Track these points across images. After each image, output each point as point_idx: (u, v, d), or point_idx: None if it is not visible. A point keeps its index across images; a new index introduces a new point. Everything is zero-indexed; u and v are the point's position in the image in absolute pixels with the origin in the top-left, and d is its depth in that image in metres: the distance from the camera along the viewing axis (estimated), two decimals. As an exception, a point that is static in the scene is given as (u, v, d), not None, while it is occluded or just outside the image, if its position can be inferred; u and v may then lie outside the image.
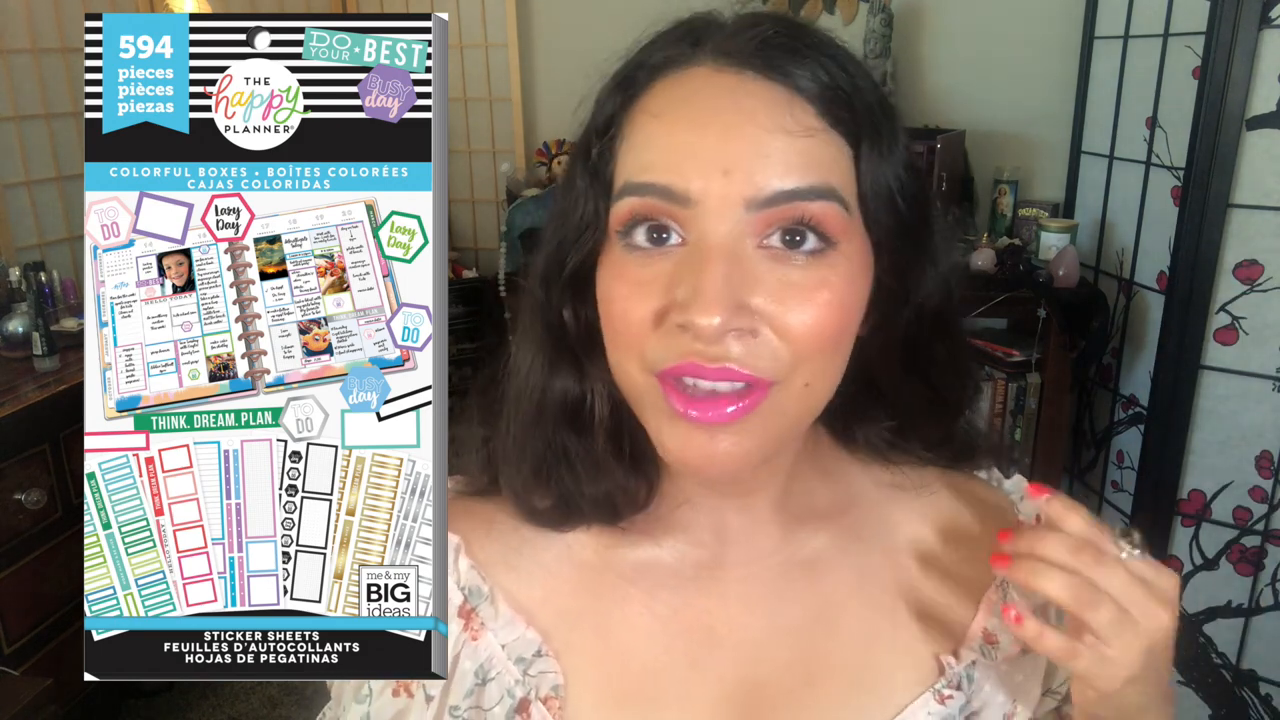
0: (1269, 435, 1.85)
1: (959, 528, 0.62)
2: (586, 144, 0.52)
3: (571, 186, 0.53)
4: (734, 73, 0.48)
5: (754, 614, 0.57)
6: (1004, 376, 2.19)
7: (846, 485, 0.61)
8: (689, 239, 0.47)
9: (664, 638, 0.56)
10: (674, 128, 0.48)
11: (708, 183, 0.46)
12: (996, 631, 0.59)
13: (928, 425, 0.60)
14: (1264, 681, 1.94)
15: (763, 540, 0.58)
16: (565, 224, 0.53)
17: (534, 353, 0.56)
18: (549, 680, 0.55)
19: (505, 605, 0.56)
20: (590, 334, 0.53)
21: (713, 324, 0.44)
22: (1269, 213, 1.79)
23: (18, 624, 1.85)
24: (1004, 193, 2.46)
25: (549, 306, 0.55)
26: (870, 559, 0.59)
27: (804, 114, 0.47)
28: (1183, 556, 1.99)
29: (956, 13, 2.52)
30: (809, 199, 0.46)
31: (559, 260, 0.53)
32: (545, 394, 0.55)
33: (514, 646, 0.56)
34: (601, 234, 0.51)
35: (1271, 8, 1.71)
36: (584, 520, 0.57)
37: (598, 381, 0.55)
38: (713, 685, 0.56)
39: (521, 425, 0.56)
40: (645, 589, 0.57)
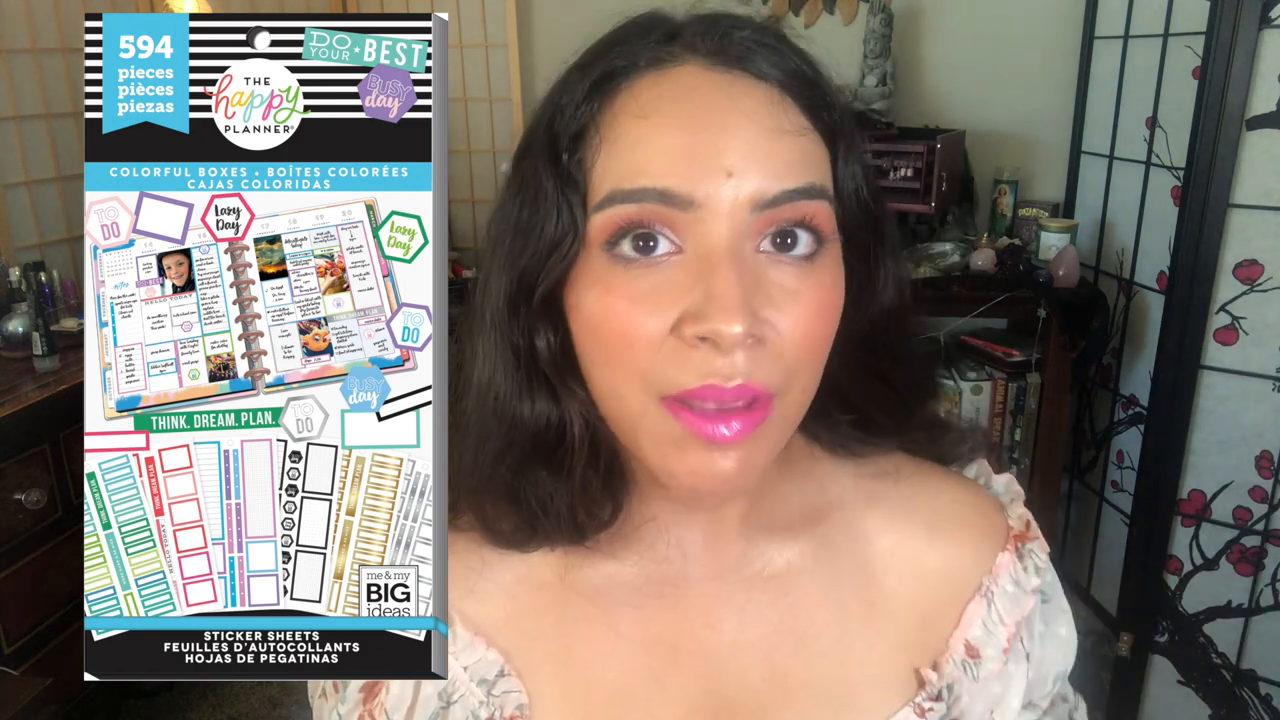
0: (1269, 435, 1.85)
1: (939, 533, 0.59)
2: (553, 151, 0.48)
3: (536, 197, 0.48)
4: (724, 71, 0.47)
5: (719, 630, 0.56)
6: (1004, 376, 2.19)
7: (822, 490, 0.59)
8: (685, 245, 0.45)
9: (627, 656, 0.55)
10: (667, 129, 0.45)
11: (711, 185, 0.44)
12: (978, 644, 0.57)
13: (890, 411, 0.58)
14: (1264, 681, 1.94)
15: (727, 554, 0.56)
16: (531, 238, 0.48)
17: (501, 380, 0.51)
18: (513, 700, 0.54)
19: (462, 628, 0.55)
20: (566, 356, 0.50)
21: (735, 332, 0.42)
22: (1269, 213, 1.79)
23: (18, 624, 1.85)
24: (1004, 193, 2.46)
25: (517, 330, 0.50)
26: (844, 568, 0.57)
27: (795, 114, 0.47)
28: (1183, 556, 1.99)
29: (956, 13, 2.52)
30: (808, 198, 0.46)
31: (527, 280, 0.49)
32: (515, 424, 0.51)
33: (476, 668, 0.54)
34: (579, 247, 0.47)
35: (1271, 8, 1.71)
36: (549, 541, 0.54)
37: (572, 404, 0.51)
38: (679, 703, 0.55)
39: (490, 456, 0.52)
40: (607, 607, 0.55)
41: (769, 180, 0.45)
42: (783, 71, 0.47)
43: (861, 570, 0.58)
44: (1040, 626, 0.60)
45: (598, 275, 0.46)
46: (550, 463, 0.52)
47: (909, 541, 0.59)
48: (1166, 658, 2.05)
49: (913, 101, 2.56)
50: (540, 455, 0.52)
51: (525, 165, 0.50)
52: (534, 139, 0.50)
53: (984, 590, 0.58)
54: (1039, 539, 0.61)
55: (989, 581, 0.58)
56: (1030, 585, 0.59)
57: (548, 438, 0.52)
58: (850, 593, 0.57)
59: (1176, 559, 2.00)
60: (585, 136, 0.48)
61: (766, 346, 0.45)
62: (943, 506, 0.60)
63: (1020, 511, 0.61)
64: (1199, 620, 1.99)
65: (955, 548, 0.59)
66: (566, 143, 0.48)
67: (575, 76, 0.49)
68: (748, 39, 0.48)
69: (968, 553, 0.59)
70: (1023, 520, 0.61)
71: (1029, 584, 0.59)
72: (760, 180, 0.44)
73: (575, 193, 0.47)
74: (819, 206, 0.46)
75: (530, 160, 0.50)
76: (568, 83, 0.49)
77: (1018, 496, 0.62)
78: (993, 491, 0.63)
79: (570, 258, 0.47)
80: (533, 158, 0.50)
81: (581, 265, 0.47)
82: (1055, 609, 0.61)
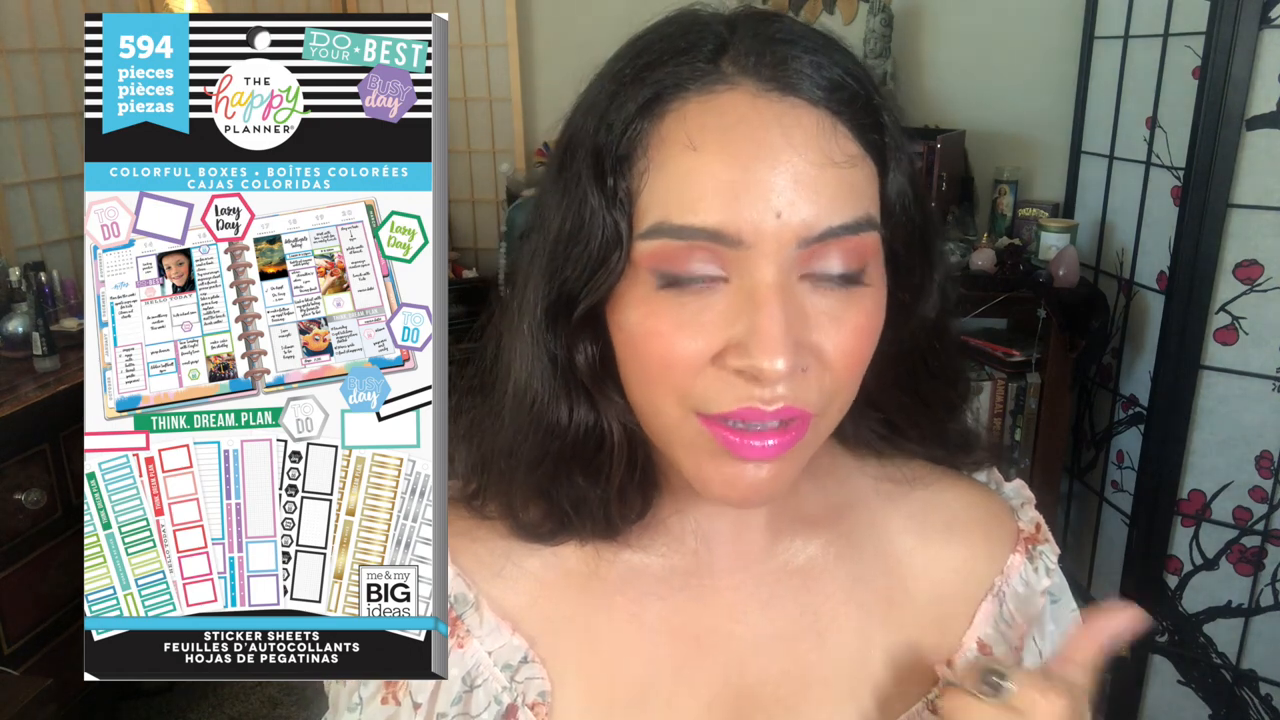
0: (1269, 435, 1.85)
1: (955, 535, 0.60)
2: (598, 168, 0.47)
3: (581, 211, 0.48)
4: (777, 98, 0.45)
5: (742, 622, 0.57)
6: (1004, 376, 2.19)
7: (842, 487, 0.60)
8: (731, 276, 0.45)
9: (650, 646, 0.56)
10: (717, 163, 0.44)
11: (760, 224, 0.44)
12: (990, 642, 0.58)
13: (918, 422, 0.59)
14: (1264, 681, 1.94)
15: (752, 548, 0.57)
16: (574, 253, 0.48)
17: (538, 386, 0.52)
18: (536, 686, 0.55)
19: (490, 612, 0.56)
20: (603, 365, 0.51)
21: (778, 369, 0.43)
22: (1269, 213, 1.79)
23: (18, 624, 1.85)
24: (1004, 193, 2.46)
25: (555, 342, 0.50)
26: (864, 566, 0.59)
27: (846, 142, 0.46)
28: (1183, 556, 1.99)
29: (956, 13, 2.52)
30: (854, 232, 0.45)
31: (568, 293, 0.49)
32: (552, 431, 0.52)
33: (500, 653, 0.55)
34: (624, 265, 0.47)
35: (1271, 8, 1.71)
36: (578, 537, 0.55)
37: (610, 411, 0.51)
38: (700, 693, 0.55)
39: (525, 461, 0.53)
40: (632, 597, 0.56)
41: (817, 217, 0.44)
42: (835, 93, 0.46)
43: (882, 568, 0.59)
44: (1050, 626, 0.61)
45: (643, 297, 0.46)
46: (588, 469, 0.53)
47: (927, 543, 0.60)
48: (1166, 658, 2.05)
49: (913, 101, 2.55)
50: (579, 462, 0.52)
51: (568, 176, 0.49)
52: (576, 150, 0.49)
53: (996, 590, 0.60)
54: (1049, 541, 0.62)
55: (1000, 582, 0.60)
56: (1040, 586, 0.60)
57: (586, 445, 0.52)
58: (870, 589, 0.58)
59: (1176, 559, 2.00)
60: (632, 159, 0.47)
61: (809, 372, 0.46)
62: (958, 510, 0.61)
63: (1031, 515, 0.63)
64: (1199, 620, 1.99)
65: (969, 549, 0.60)
66: (613, 163, 0.47)
67: (617, 89, 0.48)
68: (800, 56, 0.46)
69: (981, 554, 0.60)
70: (1033, 523, 0.62)
71: (1039, 585, 0.60)
72: (808, 217, 0.44)
73: (622, 214, 0.47)
74: (865, 238, 0.46)
75: (573, 171, 0.49)
76: (613, 96, 0.48)
77: (1029, 501, 0.64)
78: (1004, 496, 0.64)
79: (615, 277, 0.47)
80: (576, 169, 0.49)
81: (626, 284, 0.47)
82: (1064, 609, 0.62)
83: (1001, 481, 0.65)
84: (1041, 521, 0.63)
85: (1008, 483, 0.65)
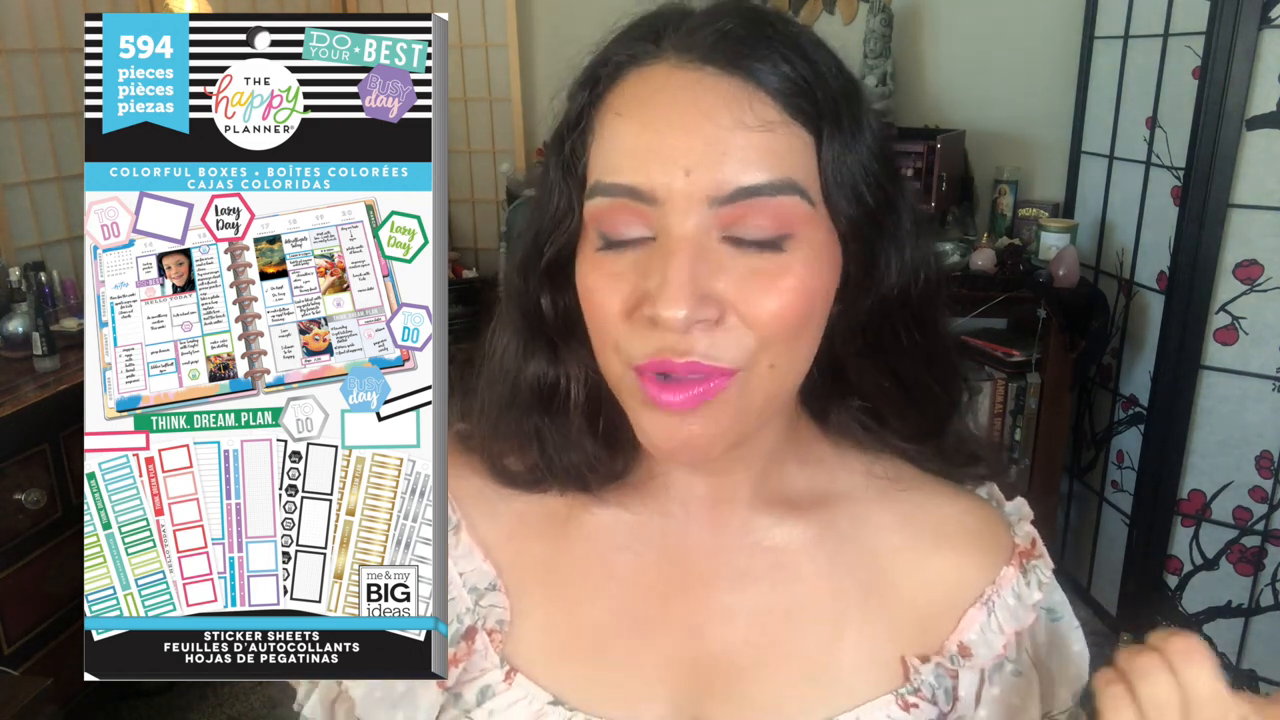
0: (1269, 435, 1.86)
1: (947, 540, 0.60)
2: (560, 139, 0.53)
3: (547, 179, 0.54)
4: (694, 69, 0.49)
5: (712, 588, 0.58)
6: (1004, 376, 2.20)
7: (833, 479, 0.61)
8: (656, 233, 0.49)
9: (617, 599, 0.57)
10: (637, 127, 0.49)
11: (670, 182, 0.47)
12: (973, 646, 0.58)
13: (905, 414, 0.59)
14: (1264, 681, 1.94)
15: (731, 520, 0.58)
16: (542, 215, 0.54)
17: (510, 337, 0.58)
18: (496, 614, 0.57)
19: (468, 535, 0.59)
20: (568, 321, 0.55)
21: (677, 317, 0.46)
22: (1269, 213, 1.79)
23: (18, 624, 1.85)
24: (1004, 193, 2.46)
25: (526, 294, 0.56)
26: (847, 555, 0.59)
27: (763, 108, 0.48)
28: (1183, 556, 1.99)
29: (956, 13, 2.52)
30: (770, 194, 0.47)
31: (536, 250, 0.55)
32: (519, 377, 0.58)
33: (470, 576, 0.58)
34: (577, 226, 0.52)
35: (1271, 8, 1.71)
36: (555, 487, 0.59)
37: (573, 365, 0.57)
38: (660, 650, 0.56)
39: (496, 406, 0.59)
40: (606, 548, 0.58)
41: (726, 177, 0.47)
42: (755, 65, 0.48)
43: (865, 560, 0.59)
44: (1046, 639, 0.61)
45: (589, 257, 0.51)
46: (550, 417, 0.58)
47: (916, 543, 0.60)
48: (1166, 658, 2.05)
49: (913, 101, 2.56)
50: (541, 408, 0.58)
51: (547, 150, 0.56)
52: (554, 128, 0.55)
53: (986, 599, 0.59)
54: (1044, 557, 0.62)
55: (991, 591, 0.60)
56: (1031, 600, 0.60)
57: (548, 394, 0.58)
58: (850, 578, 0.59)
59: (1176, 559, 2.00)
60: (580, 127, 0.52)
61: (725, 326, 0.48)
62: (952, 517, 0.62)
63: (1027, 530, 0.63)
64: (1199, 620, 1.99)
65: (960, 556, 0.60)
66: (566, 131, 0.53)
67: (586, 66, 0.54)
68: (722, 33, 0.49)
69: (972, 562, 0.60)
70: (1029, 538, 0.62)
71: (1030, 598, 0.60)
72: (717, 177, 0.47)
73: (573, 179, 0.52)
74: (785, 201, 0.48)
75: (549, 146, 0.56)
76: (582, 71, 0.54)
77: (1026, 517, 0.64)
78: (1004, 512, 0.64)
79: (571, 233, 0.53)
80: (550, 144, 0.56)
81: (582, 244, 0.52)
82: (1067, 625, 0.62)
83: (1003, 500, 0.65)
84: (1037, 537, 0.63)
85: (1009, 500, 0.65)
